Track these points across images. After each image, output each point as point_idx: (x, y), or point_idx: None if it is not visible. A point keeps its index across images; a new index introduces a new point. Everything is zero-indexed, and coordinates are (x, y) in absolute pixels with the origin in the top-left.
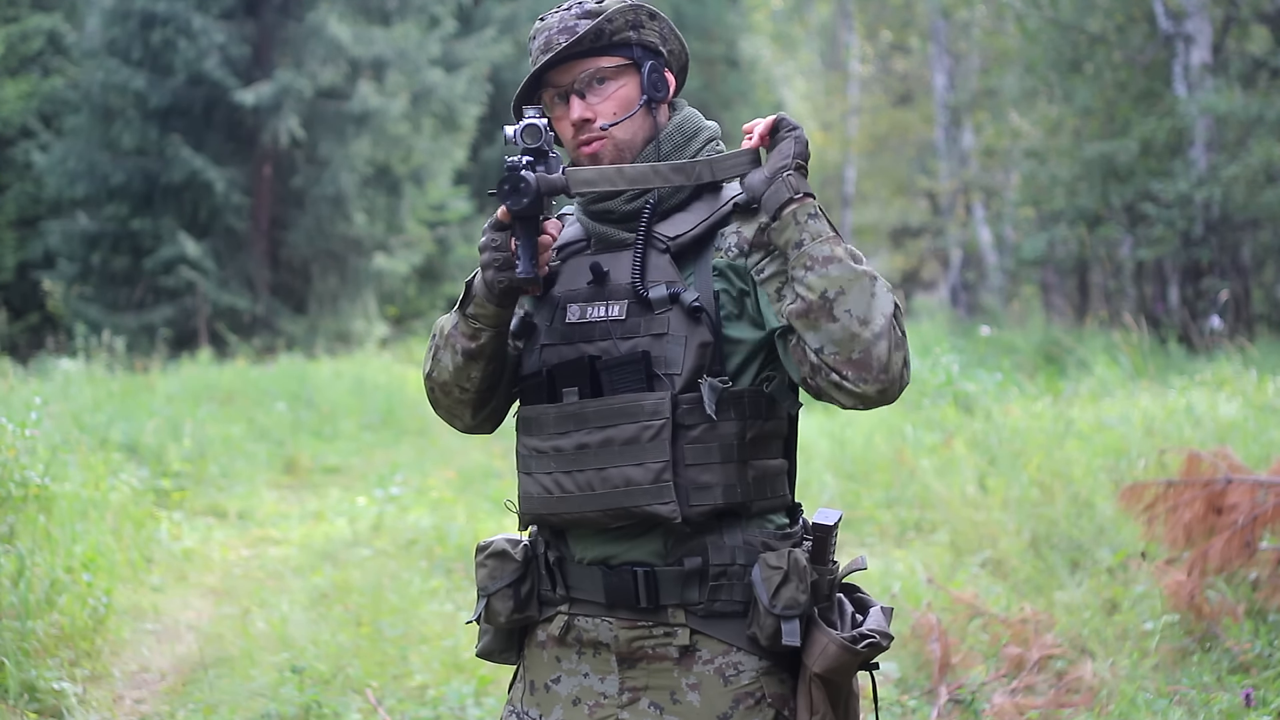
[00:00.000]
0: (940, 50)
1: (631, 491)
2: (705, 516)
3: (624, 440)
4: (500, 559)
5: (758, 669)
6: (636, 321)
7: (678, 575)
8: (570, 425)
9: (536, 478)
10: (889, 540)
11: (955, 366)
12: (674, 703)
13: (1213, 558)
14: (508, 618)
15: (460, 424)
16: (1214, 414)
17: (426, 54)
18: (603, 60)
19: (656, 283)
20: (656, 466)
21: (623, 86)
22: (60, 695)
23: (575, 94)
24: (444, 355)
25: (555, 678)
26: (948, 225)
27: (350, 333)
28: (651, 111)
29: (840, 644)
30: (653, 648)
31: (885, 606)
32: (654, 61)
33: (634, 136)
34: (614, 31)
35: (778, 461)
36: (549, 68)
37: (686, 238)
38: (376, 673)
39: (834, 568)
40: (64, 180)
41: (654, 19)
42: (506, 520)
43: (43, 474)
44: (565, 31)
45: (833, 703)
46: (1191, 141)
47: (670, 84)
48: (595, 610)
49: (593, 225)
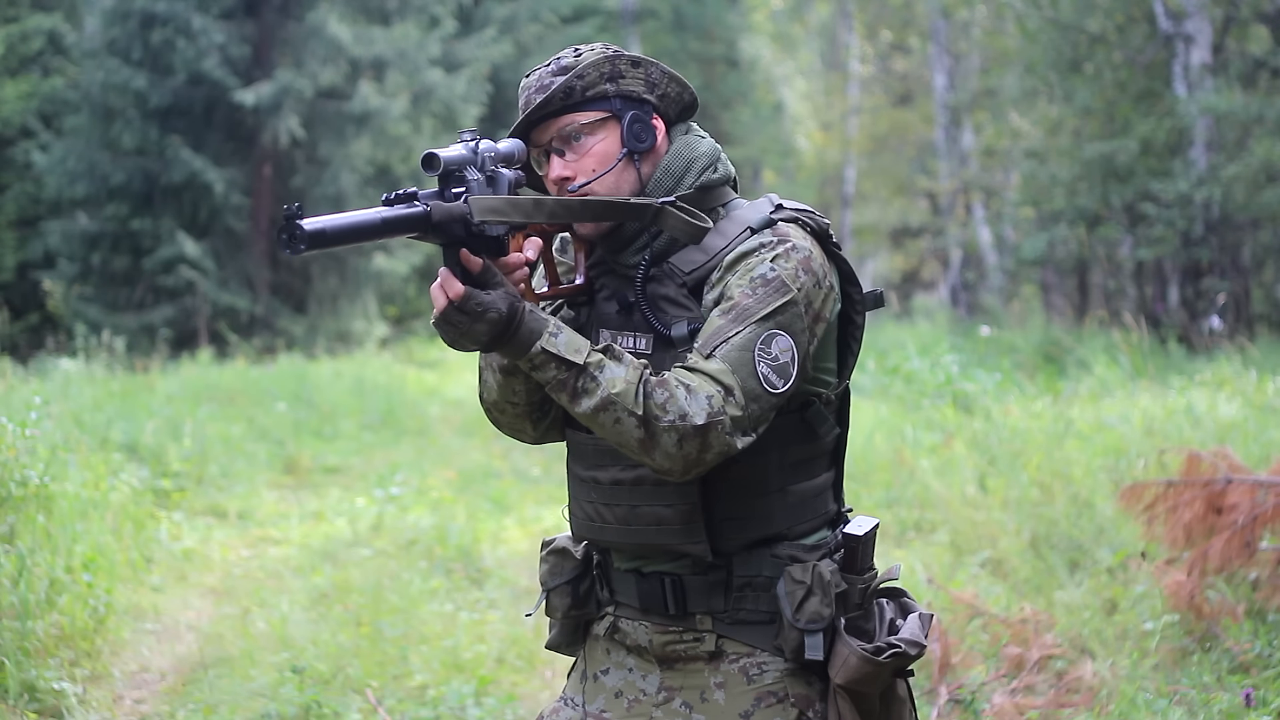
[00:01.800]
0: (940, 50)
1: (663, 531)
2: (740, 548)
3: (654, 480)
4: (561, 556)
5: (782, 669)
6: (662, 357)
7: (704, 584)
8: (606, 460)
9: (581, 504)
10: (889, 540)
11: (955, 366)
12: (703, 701)
13: (1213, 558)
14: (564, 613)
15: (527, 438)
16: (1214, 414)
17: (426, 54)
18: (580, 116)
19: (679, 319)
20: (685, 508)
21: (601, 140)
22: (60, 695)
23: (554, 153)
24: (487, 375)
25: (605, 669)
26: (948, 225)
27: (350, 333)
28: (634, 163)
29: (861, 656)
30: (684, 650)
31: (925, 614)
32: (635, 111)
33: (618, 189)
34: (587, 86)
35: (820, 480)
36: (528, 129)
37: (701, 271)
38: (376, 673)
39: (869, 576)
40: (64, 180)
41: (637, 66)
42: (506, 520)
43: (43, 474)
44: (540, 90)
45: (862, 712)
46: (1191, 141)
47: (658, 131)
48: (633, 614)
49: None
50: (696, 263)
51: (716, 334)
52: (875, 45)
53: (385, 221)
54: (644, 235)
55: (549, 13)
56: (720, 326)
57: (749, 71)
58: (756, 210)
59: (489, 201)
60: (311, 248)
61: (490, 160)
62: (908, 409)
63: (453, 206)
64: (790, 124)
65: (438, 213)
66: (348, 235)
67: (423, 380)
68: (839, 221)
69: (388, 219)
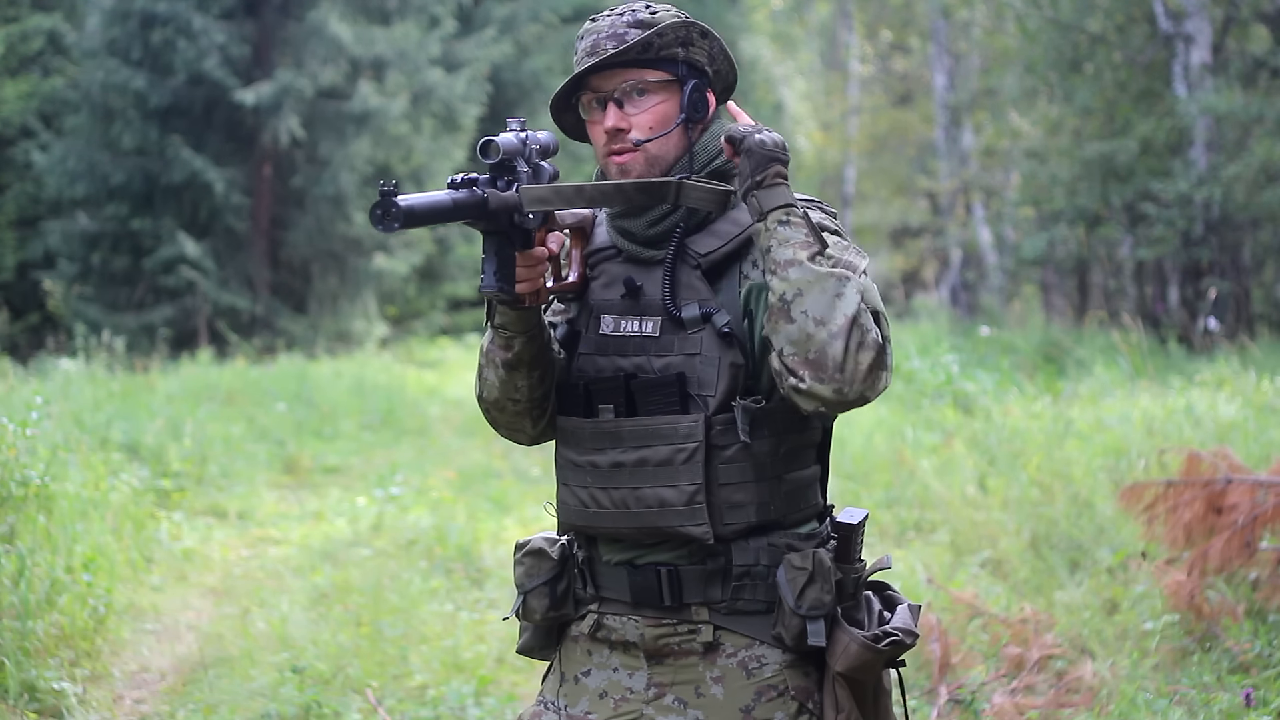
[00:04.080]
0: (940, 50)
1: (665, 512)
2: (738, 534)
3: (658, 461)
4: (537, 557)
5: (781, 662)
6: (670, 339)
7: (701, 574)
8: (606, 443)
9: (573, 490)
10: (889, 540)
11: (955, 366)
12: (698, 696)
13: (1213, 558)
14: (543, 615)
15: (524, 437)
16: (1214, 414)
17: (426, 54)
18: (647, 73)
19: (689, 301)
20: (690, 489)
21: (663, 102)
22: (60, 695)
23: (614, 102)
24: (488, 372)
25: (586, 670)
26: (948, 225)
27: (350, 333)
28: (688, 131)
29: (862, 643)
30: (678, 644)
31: (913, 605)
32: (697, 81)
33: (666, 153)
34: (663, 46)
35: (810, 471)
36: (592, 72)
37: (717, 254)
38: (376, 673)
39: (859, 567)
40: (64, 180)
41: (705, 38)
42: (506, 520)
43: (43, 474)
44: (614, 38)
45: (858, 700)
46: (1191, 141)
47: (711, 104)
48: (622, 609)
49: (618, 239)
50: (711, 246)
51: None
52: (875, 45)
53: (455, 204)
54: (675, 211)
55: (549, 13)
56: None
57: (749, 71)
58: None
59: (537, 191)
60: (406, 226)
61: (535, 152)
62: (908, 409)
63: (507, 196)
64: (790, 124)
65: (494, 201)
66: (430, 215)
67: (423, 380)
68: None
69: (458, 201)
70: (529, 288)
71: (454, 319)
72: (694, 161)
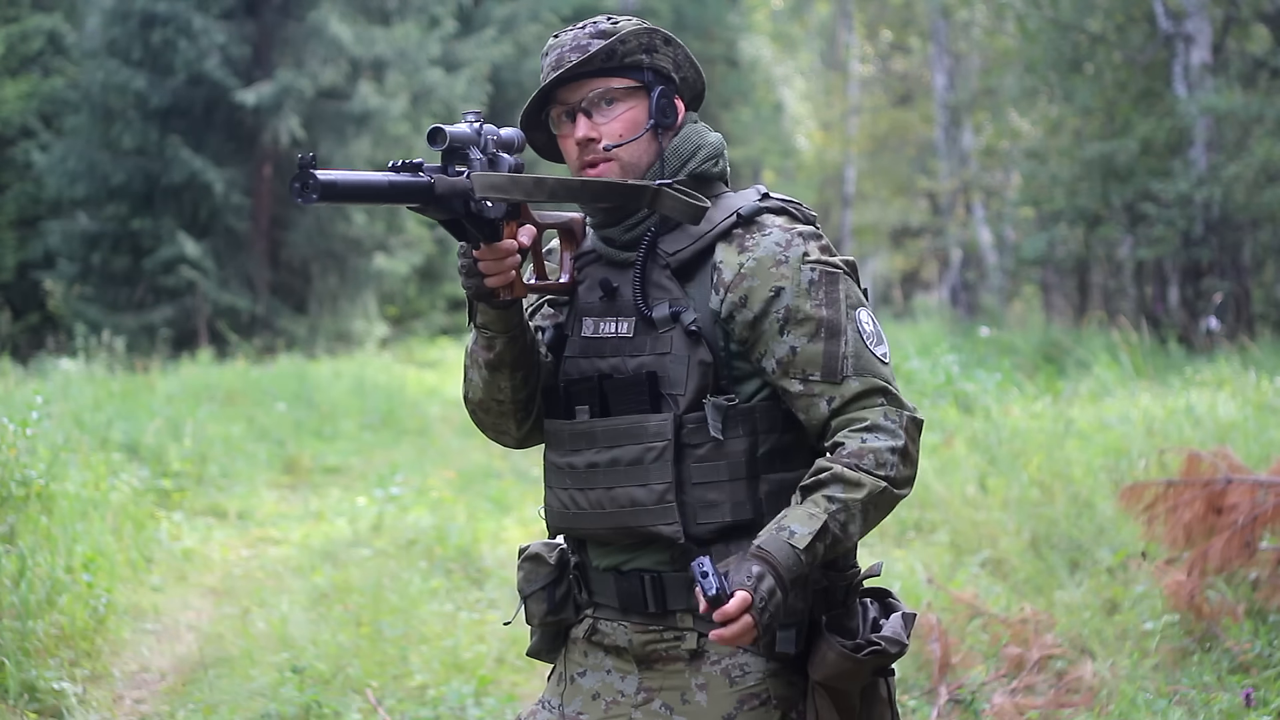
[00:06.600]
0: (940, 50)
1: (637, 511)
2: (712, 534)
3: (629, 461)
4: (535, 563)
5: (764, 670)
6: (643, 340)
7: (684, 581)
8: (582, 444)
9: (556, 492)
10: (889, 540)
11: (955, 366)
12: (683, 703)
13: (1213, 558)
14: (541, 619)
15: (510, 439)
16: (1214, 414)
17: (426, 54)
18: (613, 81)
19: (660, 300)
20: (660, 488)
21: (631, 109)
22: (60, 695)
23: (582, 112)
24: (473, 373)
25: (581, 671)
26: (948, 225)
27: (350, 333)
28: (658, 136)
29: (840, 652)
30: (665, 650)
31: (909, 613)
32: (664, 87)
33: (639, 160)
34: (626, 53)
35: (799, 474)
36: (559, 84)
37: (686, 253)
38: (376, 673)
39: (850, 574)
40: (64, 180)
41: (669, 44)
42: (506, 520)
43: (43, 474)
44: (577, 50)
45: (842, 710)
46: (1191, 141)
47: (679, 111)
48: (613, 614)
49: (596, 242)
50: (681, 245)
51: (829, 358)
52: (875, 45)
53: (392, 185)
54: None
55: (549, 13)
56: (827, 350)
57: (749, 71)
58: (744, 198)
59: (491, 178)
60: (323, 199)
61: (492, 143)
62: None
63: (456, 181)
64: (790, 124)
65: (441, 185)
66: (356, 192)
67: (423, 380)
68: (839, 221)
69: (394, 183)
70: (498, 281)
71: (454, 319)
72: (665, 166)
